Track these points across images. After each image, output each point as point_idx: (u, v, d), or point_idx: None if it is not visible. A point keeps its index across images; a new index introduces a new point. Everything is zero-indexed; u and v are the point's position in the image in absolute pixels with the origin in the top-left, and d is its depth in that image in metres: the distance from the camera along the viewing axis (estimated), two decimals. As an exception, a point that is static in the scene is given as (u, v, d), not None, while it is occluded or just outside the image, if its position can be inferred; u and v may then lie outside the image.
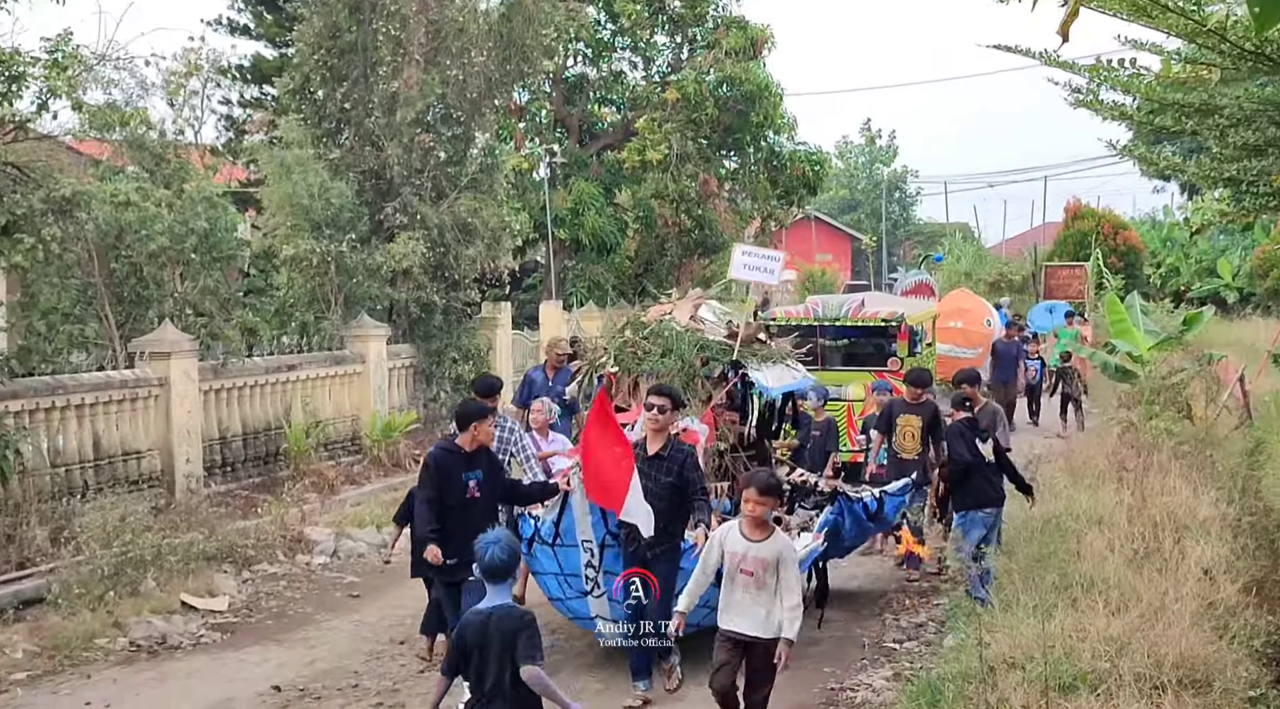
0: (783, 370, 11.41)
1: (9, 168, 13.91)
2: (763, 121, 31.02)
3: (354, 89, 20.33)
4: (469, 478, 9.10)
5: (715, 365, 10.92)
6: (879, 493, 11.54)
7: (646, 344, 10.99)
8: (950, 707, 7.62)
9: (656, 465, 8.89)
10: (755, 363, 11.07)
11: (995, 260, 49.78)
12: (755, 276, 11.49)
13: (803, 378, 12.03)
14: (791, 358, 11.90)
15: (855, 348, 18.72)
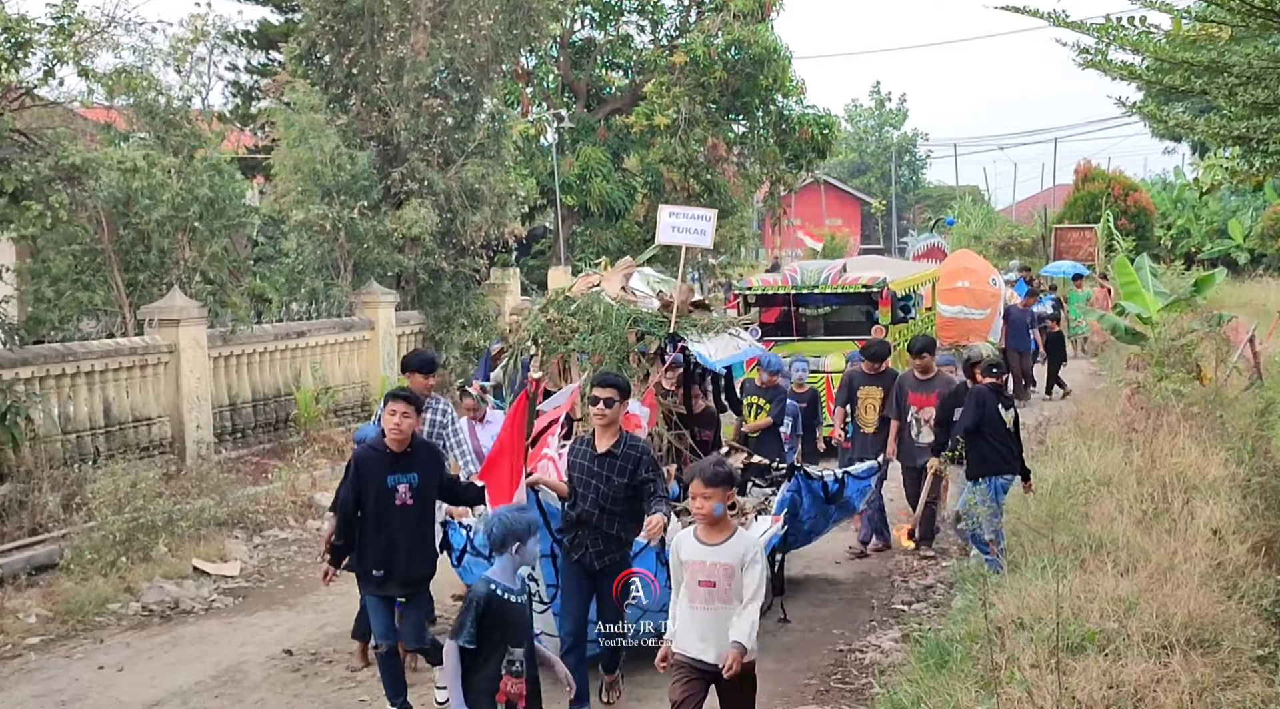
0: (726, 340, 10.36)
1: (16, 135, 13.89)
2: (771, 85, 30.82)
3: (361, 54, 20.24)
4: (397, 482, 7.85)
5: (651, 340, 9.96)
6: (840, 474, 10.70)
7: (574, 321, 10.03)
8: (958, 667, 7.64)
9: (607, 464, 7.84)
10: (695, 333, 10.07)
11: (1005, 223, 49.60)
12: (686, 239, 10.37)
13: (750, 346, 11.02)
14: (736, 325, 10.95)
15: (836, 316, 18.03)
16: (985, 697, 6.85)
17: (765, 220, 40.91)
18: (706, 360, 10.01)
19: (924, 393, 11.92)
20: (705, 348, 9.94)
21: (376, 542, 7.85)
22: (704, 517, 6.39)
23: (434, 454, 8.20)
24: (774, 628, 9.82)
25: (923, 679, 7.66)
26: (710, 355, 9.95)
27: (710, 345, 10.00)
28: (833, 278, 17.56)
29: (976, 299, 22.59)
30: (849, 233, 61.20)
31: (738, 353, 10.58)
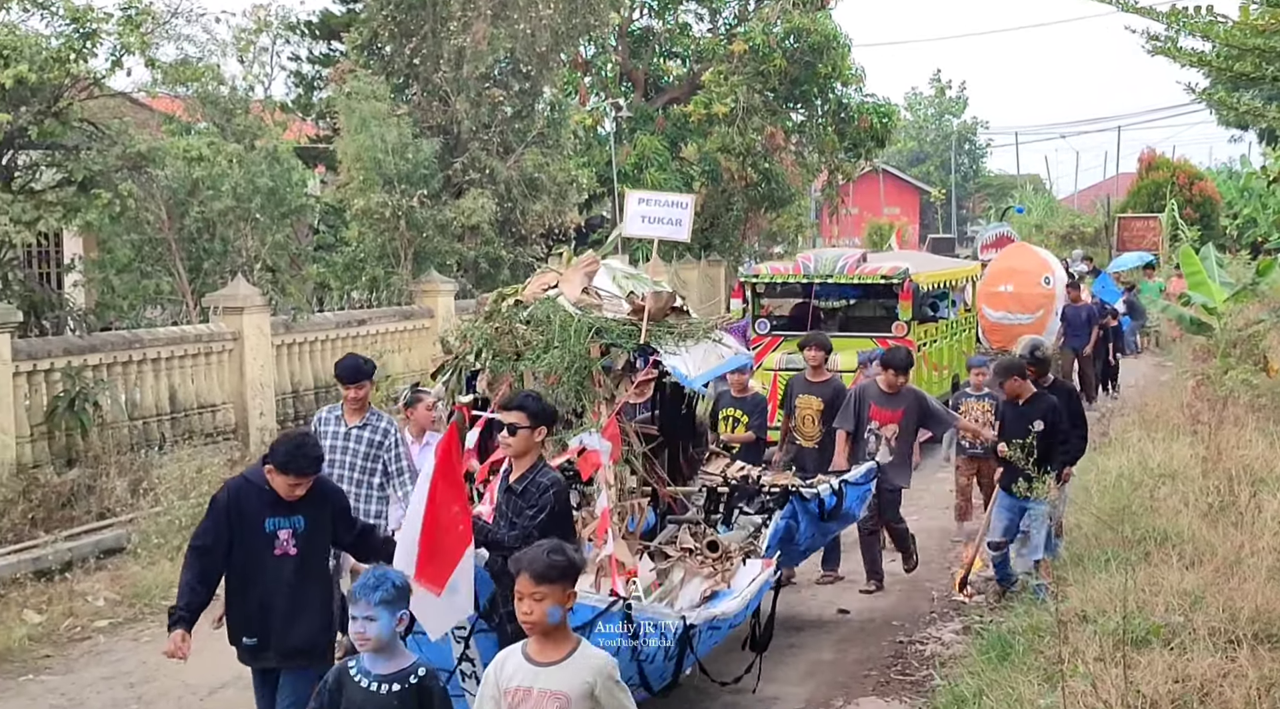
0: (707, 350, 8.54)
1: (85, 124, 14.11)
2: (830, 73, 30.64)
3: (423, 44, 20.36)
4: (277, 525, 6.30)
5: (618, 354, 8.10)
6: (838, 484, 9.40)
7: (527, 331, 8.22)
8: (1021, 660, 7.60)
9: (512, 503, 6.62)
10: (671, 343, 8.25)
11: (1067, 212, 49.08)
12: (658, 231, 8.86)
13: (735, 355, 9.09)
14: (718, 331, 8.96)
15: (853, 310, 16.73)
16: (1049, 690, 6.80)
17: (823, 209, 40.70)
18: (684, 377, 8.24)
19: (890, 407, 10.42)
20: (683, 361, 8.20)
21: (246, 600, 6.36)
22: (533, 625, 4.63)
23: (327, 492, 6.52)
24: (833, 619, 9.80)
25: (984, 671, 7.62)
26: (689, 370, 8.20)
27: (690, 357, 8.27)
28: (849, 267, 15.98)
29: (1022, 303, 20.98)
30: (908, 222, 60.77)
31: (720, 364, 8.79)
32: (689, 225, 8.87)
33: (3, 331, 12.10)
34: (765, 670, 8.58)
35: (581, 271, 8.65)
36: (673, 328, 8.37)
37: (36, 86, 13.23)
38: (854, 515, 9.75)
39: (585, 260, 8.86)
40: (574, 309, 8.18)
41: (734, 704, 8.18)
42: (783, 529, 8.70)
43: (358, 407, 8.40)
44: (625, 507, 7.84)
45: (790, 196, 32.12)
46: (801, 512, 8.93)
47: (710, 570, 7.92)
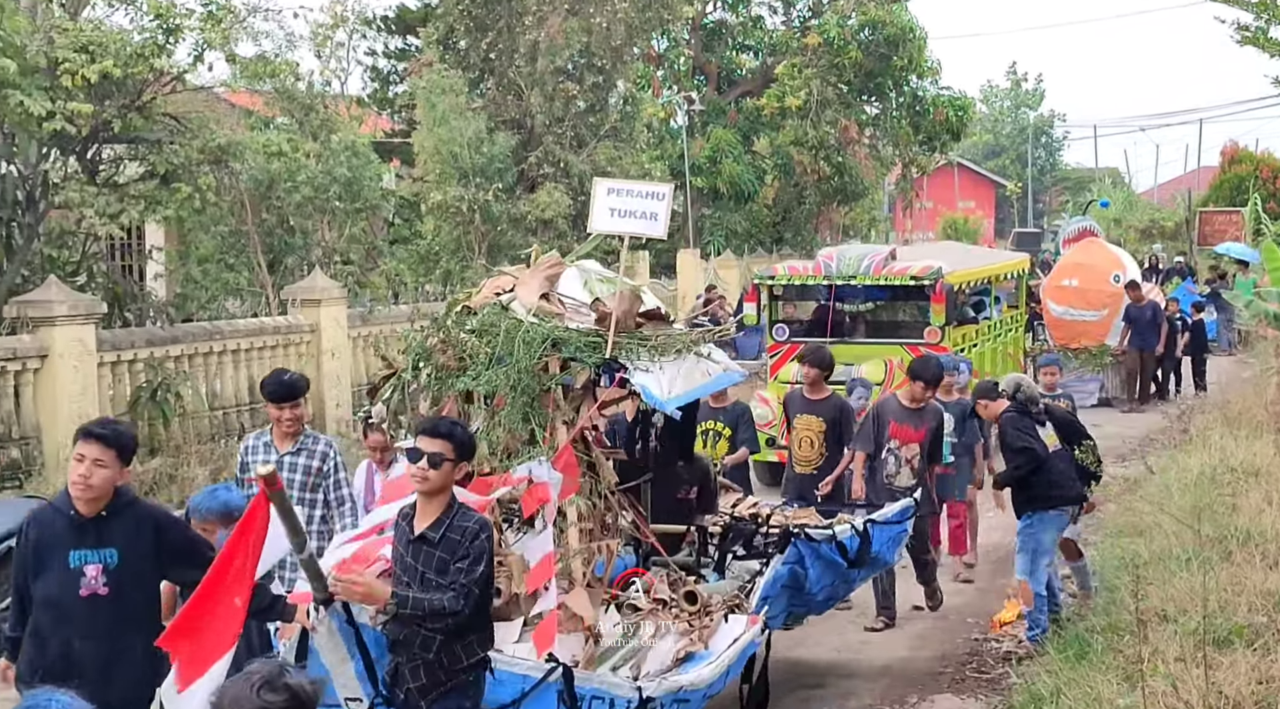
0: (690, 365, 7.30)
1: (167, 119, 14.36)
2: (906, 66, 30.47)
3: (498, 39, 20.48)
4: (84, 560, 5.22)
5: (579, 370, 6.86)
6: (863, 524, 8.13)
7: (473, 343, 6.98)
8: (1100, 659, 7.49)
9: (423, 554, 5.32)
10: (645, 357, 6.98)
11: (1147, 206, 48.31)
12: (631, 227, 7.56)
13: (723, 373, 7.70)
14: (706, 342, 7.63)
15: (880, 314, 15.27)
16: (1128, 690, 6.71)
17: (896, 203, 40.42)
18: (654, 397, 6.85)
19: (911, 424, 9.33)
20: (656, 378, 6.91)
21: (45, 647, 5.28)
22: None
23: (152, 520, 5.39)
24: (907, 615, 9.73)
25: (1062, 670, 7.52)
26: (663, 389, 6.88)
27: (666, 374, 7.00)
28: (876, 267, 14.35)
29: (1087, 300, 20.07)
30: (983, 216, 60.14)
31: (705, 383, 7.47)
32: (665, 219, 7.53)
33: (88, 323, 12.35)
34: (839, 666, 8.55)
35: (542, 275, 7.31)
36: (646, 339, 7.06)
37: (121, 81, 13.48)
38: (886, 561, 8.51)
39: (547, 261, 7.49)
40: (529, 317, 6.94)
41: (808, 699, 8.16)
42: (785, 576, 7.53)
43: (291, 430, 7.31)
44: (593, 549, 6.68)
45: (863, 190, 32.00)
46: (811, 556, 7.70)
47: (686, 627, 6.65)
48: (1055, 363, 11.99)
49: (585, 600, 6.37)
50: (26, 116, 12.70)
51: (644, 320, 7.24)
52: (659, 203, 7.55)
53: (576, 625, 6.21)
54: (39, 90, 12.81)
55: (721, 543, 7.84)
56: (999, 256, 19.17)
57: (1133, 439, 16.90)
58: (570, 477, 6.51)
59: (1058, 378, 11.68)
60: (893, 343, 14.24)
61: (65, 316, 12.25)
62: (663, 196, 7.58)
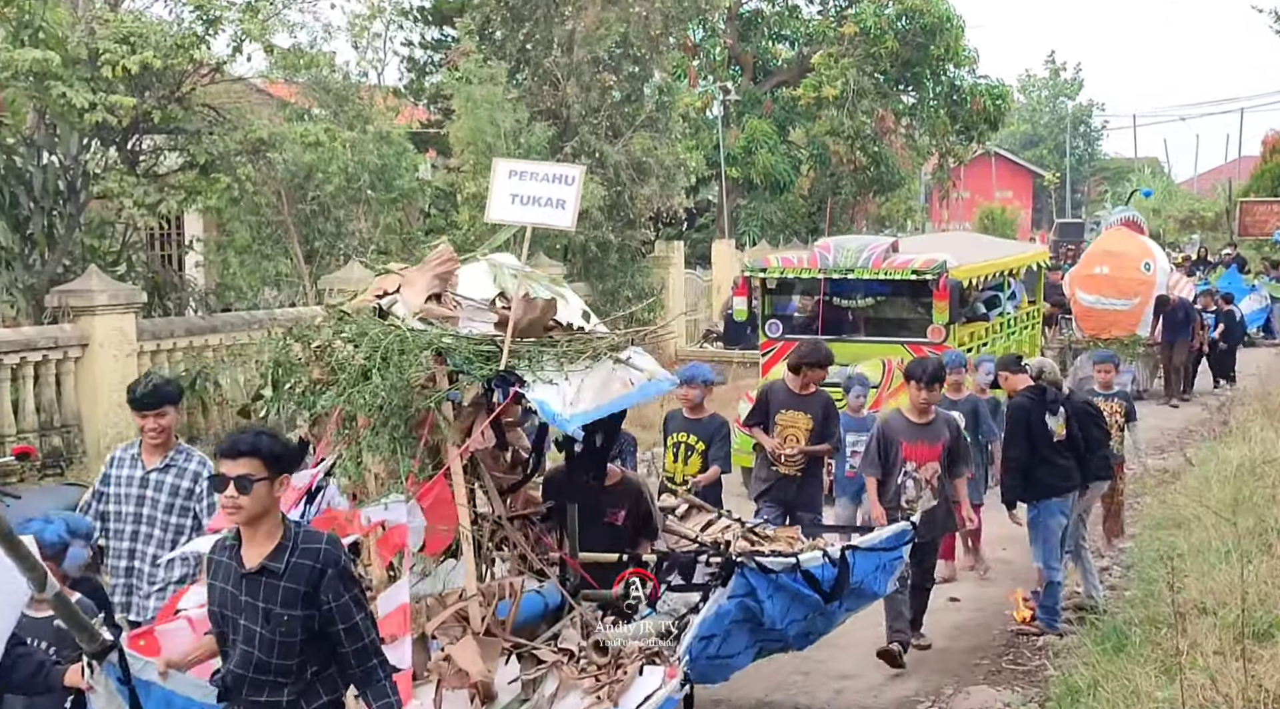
0: (606, 376, 6.26)
1: (206, 110, 14.47)
2: (943, 55, 30.26)
3: (535, 29, 20.50)
4: None
5: (469, 384, 5.88)
6: (840, 550, 7.20)
7: (350, 353, 5.85)
8: (1138, 652, 7.46)
9: (263, 589, 4.44)
10: (552, 366, 6.02)
11: (1186, 196, 47.89)
12: (534, 216, 6.54)
13: (648, 383, 6.53)
14: (627, 347, 6.59)
15: (879, 311, 14.25)
16: (1166, 683, 6.67)
17: (933, 193, 40.23)
18: (552, 414, 5.80)
19: (925, 440, 8.36)
20: (560, 391, 5.89)
21: None
22: None
23: None
24: (944, 606, 9.70)
25: (1100, 663, 7.49)
26: (565, 404, 5.86)
27: (573, 385, 5.98)
28: (876, 259, 13.45)
29: (1118, 288, 19.51)
30: (1020, 206, 59.75)
31: (624, 394, 6.35)
32: (575, 207, 6.47)
33: (128, 312, 12.48)
34: (874, 658, 8.53)
35: (430, 272, 6.21)
36: (552, 345, 6.10)
37: (161, 72, 13.59)
38: (874, 592, 7.57)
39: (438, 256, 6.31)
40: (414, 322, 5.92)
41: (842, 689, 8.16)
42: (733, 611, 6.50)
43: (156, 441, 6.33)
44: (494, 588, 5.84)
45: (900, 180, 31.84)
46: (766, 588, 6.67)
47: (593, 683, 5.70)
48: (1111, 359, 11.20)
49: (474, 652, 5.43)
50: (68, 108, 12.82)
51: (558, 326, 6.25)
52: (568, 188, 6.51)
53: (463, 682, 5.31)
54: (80, 82, 12.93)
55: (656, 574, 6.72)
56: (1013, 248, 18.37)
57: (1171, 431, 16.80)
58: (441, 514, 5.54)
59: (1114, 375, 10.99)
60: (893, 342, 13.37)
61: (105, 306, 12.38)
62: (572, 180, 6.53)
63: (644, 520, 7.19)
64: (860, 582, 7.27)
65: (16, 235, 13.73)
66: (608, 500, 7.09)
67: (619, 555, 6.87)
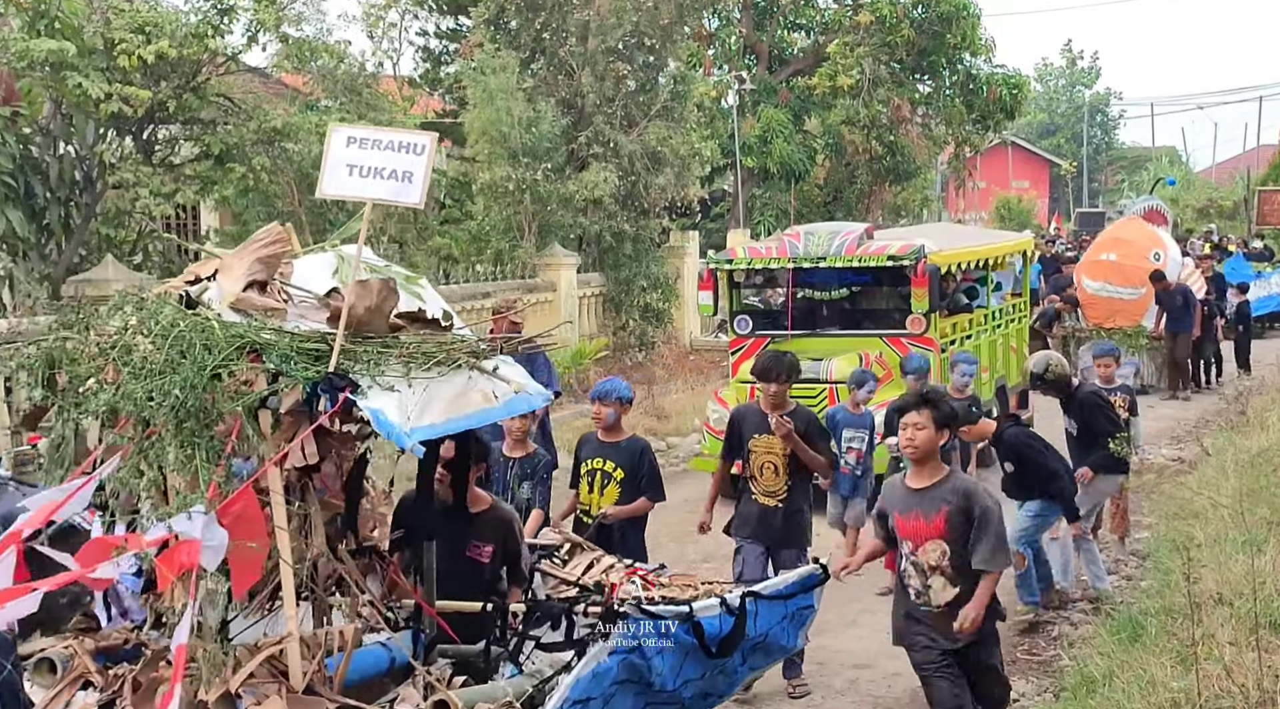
0: (463, 386, 5.22)
1: (221, 100, 14.50)
2: (959, 43, 30.17)
3: (550, 18, 20.49)
4: None
5: (289, 388, 4.83)
6: (740, 597, 6.05)
7: (148, 346, 4.87)
8: (1153, 642, 7.43)
9: None
10: (395, 370, 5.01)
11: (1204, 185, 47.67)
12: (375, 190, 5.47)
13: (517, 397, 5.45)
14: (493, 354, 5.48)
15: (854, 301, 13.53)
16: (1182, 673, 6.65)
17: (949, 183, 40.12)
18: (390, 426, 4.77)
19: (921, 512, 6.25)
20: (400, 400, 4.90)
21: None
22: None
23: None
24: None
25: (1115, 653, 7.48)
26: (406, 415, 4.86)
27: (420, 394, 4.99)
28: (849, 247, 12.63)
29: (1125, 275, 19.03)
30: (1037, 196, 59.56)
31: (484, 409, 5.29)
32: (424, 181, 5.47)
33: (144, 301, 12.50)
34: (888, 647, 8.52)
35: (251, 256, 5.21)
36: (398, 346, 5.10)
37: (176, 62, 13.62)
38: (782, 646, 6.59)
39: (263, 237, 5.32)
40: (228, 313, 5.00)
41: (856, 679, 8.16)
42: (615, 670, 5.49)
43: None
44: (320, 636, 4.99)
45: (916, 170, 31.78)
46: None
47: None
48: (1112, 352, 10.89)
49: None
50: (84, 98, 12.86)
51: (405, 323, 5.23)
52: (416, 158, 5.47)
53: None
54: (96, 72, 12.97)
55: (524, 625, 5.76)
56: (997, 237, 17.61)
57: (1188, 421, 16.74)
58: (249, 532, 4.58)
59: (1114, 369, 10.71)
60: (870, 334, 12.74)
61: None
62: (421, 149, 5.47)
63: (516, 560, 6.18)
64: (765, 634, 6.27)
65: (33, 225, 13.78)
66: (472, 532, 6.10)
67: (482, 604, 5.84)
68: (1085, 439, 9.37)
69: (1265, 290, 24.65)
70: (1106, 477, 9.48)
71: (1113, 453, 9.36)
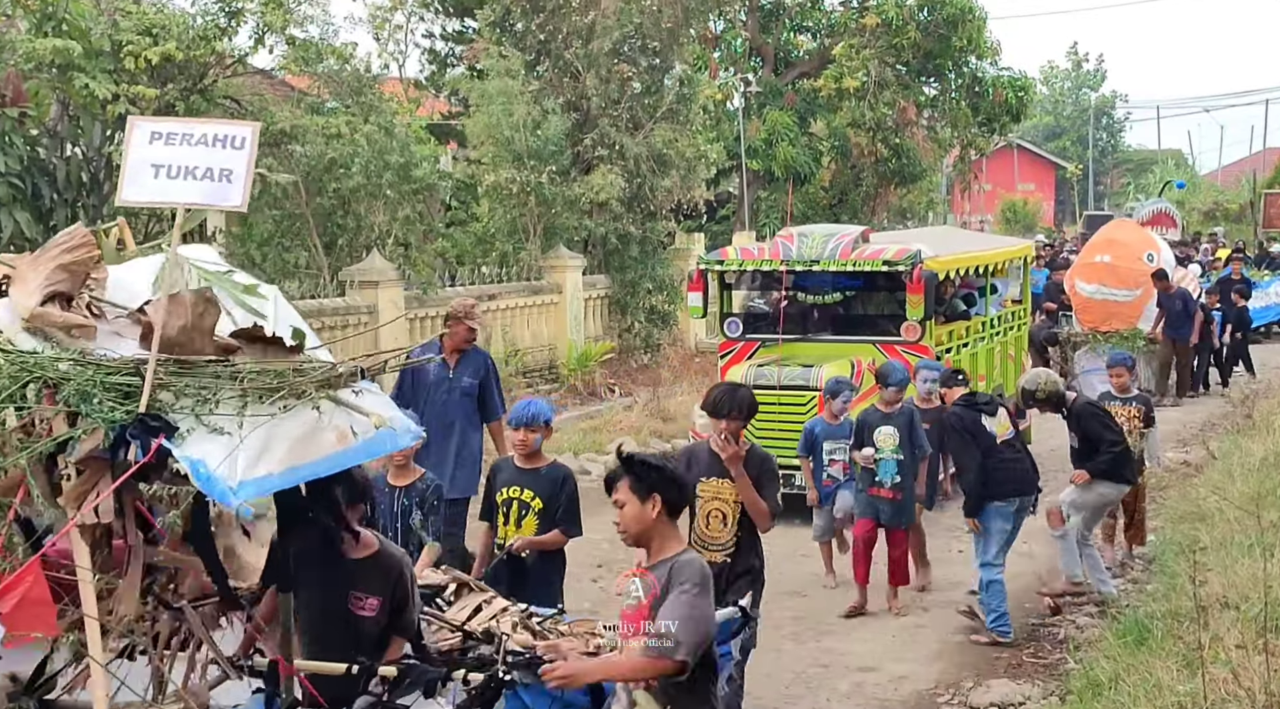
0: (312, 424, 4.07)
1: (227, 101, 14.51)
2: (965, 46, 30.15)
3: (551, 20, 20.50)
4: None
5: (91, 429, 3.84)
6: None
7: None
8: (1159, 645, 7.43)
9: None
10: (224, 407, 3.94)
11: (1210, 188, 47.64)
12: (188, 194, 4.46)
13: (378, 432, 4.25)
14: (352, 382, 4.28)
15: (848, 306, 13.31)
16: (1188, 677, 6.64)
17: (954, 185, 40.11)
18: (213, 480, 3.81)
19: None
20: (227, 445, 3.88)
21: None
22: None
23: None
24: (964, 600, 9.68)
25: (1121, 656, 7.47)
26: (236, 464, 3.86)
27: (256, 436, 3.95)
28: (843, 250, 12.32)
29: (1119, 277, 18.67)
30: (1042, 199, 59.53)
31: (339, 452, 4.17)
32: (247, 179, 4.45)
33: (151, 303, 12.51)
34: (894, 650, 8.54)
35: (50, 262, 4.24)
36: (225, 376, 4.01)
37: (183, 64, 13.64)
38: None
39: (62, 241, 4.32)
40: (19, 335, 4.10)
41: (861, 682, 8.16)
42: None
43: None
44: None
45: (921, 172, 31.77)
46: (538, 701, 5.04)
47: None
48: (1125, 361, 10.61)
49: None
50: (91, 99, 12.88)
51: (241, 344, 4.17)
52: (237, 154, 4.49)
53: None
54: (103, 73, 12.99)
55: (392, 691, 5.01)
56: (996, 242, 17.35)
57: (1194, 424, 16.73)
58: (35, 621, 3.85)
59: (1128, 379, 10.43)
60: (864, 340, 12.41)
61: (128, 297, 12.43)
62: (242, 143, 4.50)
63: (402, 613, 5.20)
64: None
65: (40, 227, 13.78)
66: (353, 582, 5.14)
67: (348, 665, 4.97)
68: (1086, 450, 9.33)
69: (1264, 300, 24.51)
70: (1107, 483, 9.38)
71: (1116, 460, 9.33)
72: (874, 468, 9.41)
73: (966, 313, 13.92)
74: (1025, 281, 16.04)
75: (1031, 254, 17.00)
